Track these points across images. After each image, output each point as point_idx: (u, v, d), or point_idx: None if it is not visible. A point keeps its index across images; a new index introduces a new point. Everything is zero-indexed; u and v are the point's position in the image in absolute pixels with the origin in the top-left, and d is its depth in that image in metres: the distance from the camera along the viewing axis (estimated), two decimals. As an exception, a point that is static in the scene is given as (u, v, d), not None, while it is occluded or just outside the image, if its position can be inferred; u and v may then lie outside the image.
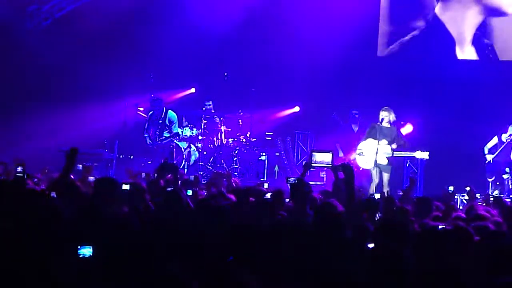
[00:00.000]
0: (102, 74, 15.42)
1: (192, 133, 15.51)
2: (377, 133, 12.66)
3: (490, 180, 13.91)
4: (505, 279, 4.07)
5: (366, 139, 12.89)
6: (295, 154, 16.93)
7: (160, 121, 15.48)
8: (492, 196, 10.79)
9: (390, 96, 15.06)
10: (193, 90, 17.23)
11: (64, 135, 14.61)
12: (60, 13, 15.89)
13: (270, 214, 6.64)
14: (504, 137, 13.88)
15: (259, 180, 13.59)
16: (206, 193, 8.70)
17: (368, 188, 12.40)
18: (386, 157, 12.54)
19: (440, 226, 5.90)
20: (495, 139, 14.06)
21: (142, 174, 10.36)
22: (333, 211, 6.12)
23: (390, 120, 12.77)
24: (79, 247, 4.26)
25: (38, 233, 4.67)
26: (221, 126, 15.88)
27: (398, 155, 12.60)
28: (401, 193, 9.71)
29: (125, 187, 6.88)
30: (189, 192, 7.67)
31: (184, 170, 14.68)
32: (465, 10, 16.01)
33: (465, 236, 5.40)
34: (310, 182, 11.94)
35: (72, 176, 7.82)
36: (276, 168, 16.19)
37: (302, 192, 7.02)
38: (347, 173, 6.77)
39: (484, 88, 15.58)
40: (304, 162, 11.26)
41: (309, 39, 16.34)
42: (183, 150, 15.35)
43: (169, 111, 15.57)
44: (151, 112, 15.65)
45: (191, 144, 15.50)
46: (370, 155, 12.72)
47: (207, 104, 16.03)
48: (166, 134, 15.45)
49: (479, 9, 15.91)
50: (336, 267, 4.37)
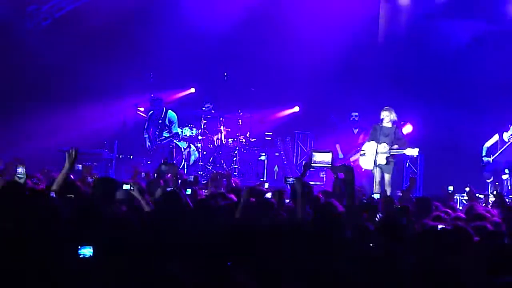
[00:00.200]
0: (102, 74, 15.41)
1: (192, 133, 15.51)
2: (378, 134, 12.67)
3: (489, 181, 13.86)
4: (505, 279, 4.08)
5: (369, 141, 12.89)
6: (295, 154, 16.93)
7: (160, 121, 15.48)
8: (494, 194, 10.74)
9: (390, 96, 15.05)
10: (193, 90, 17.22)
11: (64, 135, 14.60)
12: (60, 13, 15.88)
13: (271, 214, 6.64)
14: (506, 137, 13.75)
15: (259, 180, 13.58)
16: (206, 193, 8.69)
17: (369, 189, 12.38)
18: (385, 157, 12.54)
19: (440, 226, 5.91)
20: (496, 137, 13.95)
21: (142, 174, 10.37)
22: (333, 211, 6.12)
23: (391, 120, 12.76)
24: (79, 247, 4.27)
25: (38, 233, 4.66)
26: (221, 126, 15.88)
27: (393, 153, 12.57)
28: (400, 194, 9.72)
29: (125, 187, 6.88)
30: (188, 191, 7.67)
31: (184, 170, 14.68)
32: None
33: (465, 236, 5.40)
34: (310, 182, 11.97)
35: (72, 176, 7.83)
36: (276, 168, 16.19)
37: (303, 192, 7.01)
38: (348, 174, 6.77)
39: (484, 87, 15.57)
40: (304, 162, 11.26)
41: (309, 39, 16.33)
42: (183, 150, 15.34)
43: (169, 111, 15.56)
44: (151, 112, 15.65)
45: (191, 144, 15.49)
46: (371, 156, 12.73)
47: (206, 106, 16.03)
48: (166, 134, 15.44)
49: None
50: (336, 267, 4.36)
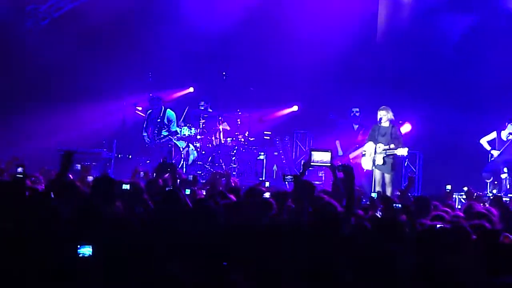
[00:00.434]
0: (101, 74, 15.41)
1: (191, 133, 15.49)
2: (376, 135, 12.67)
3: (488, 181, 13.86)
4: (505, 279, 4.09)
5: (368, 142, 12.89)
6: (294, 154, 16.93)
7: (159, 120, 15.48)
8: (492, 195, 10.79)
9: (389, 95, 15.06)
10: (192, 90, 17.22)
11: (63, 135, 14.61)
12: (59, 13, 15.88)
13: (270, 214, 6.63)
14: (505, 135, 13.75)
15: (258, 180, 13.57)
16: (206, 193, 8.67)
17: (369, 188, 12.38)
18: (382, 157, 12.52)
19: (438, 225, 5.93)
20: (494, 134, 13.96)
21: (141, 174, 10.36)
22: (332, 211, 6.14)
23: (389, 119, 12.75)
24: (79, 247, 4.27)
25: (38, 233, 4.67)
26: (220, 126, 15.87)
27: (388, 153, 12.54)
28: (399, 193, 9.71)
29: (125, 187, 6.88)
30: (187, 191, 7.67)
31: (183, 170, 14.67)
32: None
33: (463, 235, 5.41)
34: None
35: (71, 176, 7.83)
36: (275, 168, 16.19)
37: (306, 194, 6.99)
38: (347, 174, 6.77)
39: (483, 86, 15.58)
40: (303, 162, 11.24)
41: (308, 39, 16.33)
42: (182, 150, 15.33)
43: (168, 110, 15.56)
44: (150, 111, 15.65)
45: (190, 144, 15.48)
46: (370, 156, 12.74)
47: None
48: (165, 133, 15.45)
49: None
50: (335, 267, 4.38)
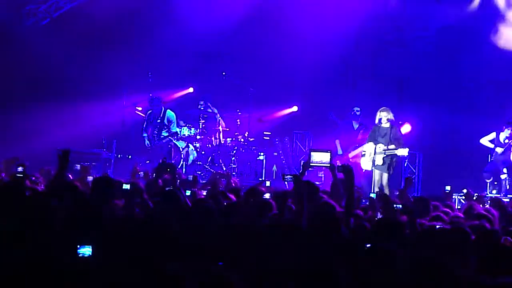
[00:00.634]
0: (101, 74, 15.41)
1: (190, 133, 15.49)
2: (376, 135, 12.69)
3: (488, 181, 13.88)
4: (505, 279, 4.09)
5: (368, 142, 12.89)
6: (293, 154, 16.93)
7: (159, 121, 15.47)
8: (490, 197, 10.80)
9: (389, 95, 15.08)
10: (191, 90, 17.22)
11: (63, 135, 14.59)
12: (58, 13, 15.88)
13: (270, 215, 6.62)
14: (502, 138, 13.80)
15: (257, 180, 13.56)
16: (206, 193, 8.67)
17: (368, 189, 12.38)
18: (382, 158, 12.53)
19: (438, 226, 5.93)
20: (493, 134, 13.99)
21: (140, 174, 10.36)
22: (332, 211, 6.14)
23: (389, 119, 12.75)
24: (79, 247, 4.27)
25: (38, 233, 4.67)
26: (219, 126, 15.87)
27: (388, 153, 12.55)
28: (398, 193, 9.72)
29: (125, 187, 6.89)
30: (188, 193, 7.67)
31: (182, 170, 14.66)
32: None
33: (463, 236, 5.42)
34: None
35: (71, 176, 7.84)
36: (274, 168, 16.19)
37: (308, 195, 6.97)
38: (347, 174, 6.77)
39: (483, 87, 15.59)
40: (303, 162, 11.24)
41: (308, 39, 16.33)
42: (181, 150, 15.32)
43: (168, 111, 15.55)
44: (150, 112, 15.64)
45: (189, 144, 15.48)
46: (370, 157, 12.75)
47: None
48: (165, 134, 15.44)
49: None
50: (335, 267, 4.37)
